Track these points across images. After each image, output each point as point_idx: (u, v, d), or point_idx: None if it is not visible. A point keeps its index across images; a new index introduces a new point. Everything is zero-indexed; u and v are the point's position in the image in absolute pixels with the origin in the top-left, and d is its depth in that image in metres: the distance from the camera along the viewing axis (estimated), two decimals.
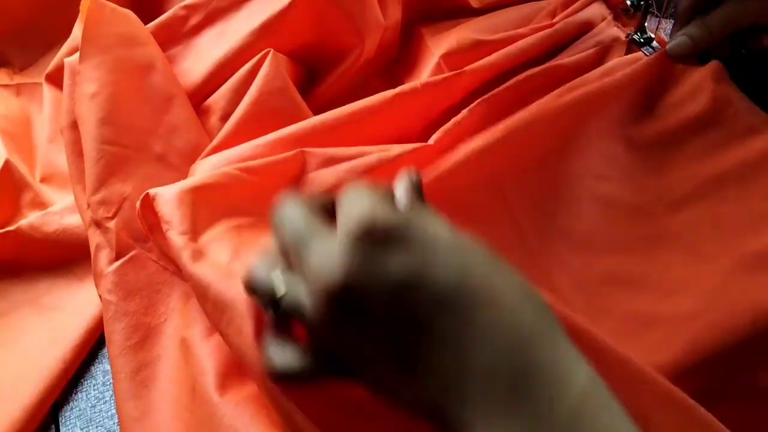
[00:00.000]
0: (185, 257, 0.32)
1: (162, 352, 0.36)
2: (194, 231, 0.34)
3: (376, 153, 0.40)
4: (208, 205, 0.35)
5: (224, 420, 0.31)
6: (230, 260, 0.32)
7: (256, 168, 0.38)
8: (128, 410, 0.34)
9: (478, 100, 0.43)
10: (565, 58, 0.47)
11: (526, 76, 0.45)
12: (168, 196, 0.34)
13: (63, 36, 0.50)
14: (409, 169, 0.28)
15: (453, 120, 0.42)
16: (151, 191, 0.35)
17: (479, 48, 0.48)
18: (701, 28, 0.43)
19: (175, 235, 0.33)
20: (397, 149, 0.40)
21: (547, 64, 0.46)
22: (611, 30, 0.49)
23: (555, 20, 0.50)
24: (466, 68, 0.45)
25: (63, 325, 0.41)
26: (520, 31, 0.49)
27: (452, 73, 0.45)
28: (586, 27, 0.50)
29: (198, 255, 0.32)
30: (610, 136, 0.43)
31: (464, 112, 0.43)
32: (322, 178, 0.39)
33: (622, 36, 0.49)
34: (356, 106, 0.43)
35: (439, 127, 0.42)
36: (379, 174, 0.39)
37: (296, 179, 0.39)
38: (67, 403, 0.39)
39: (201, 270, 0.31)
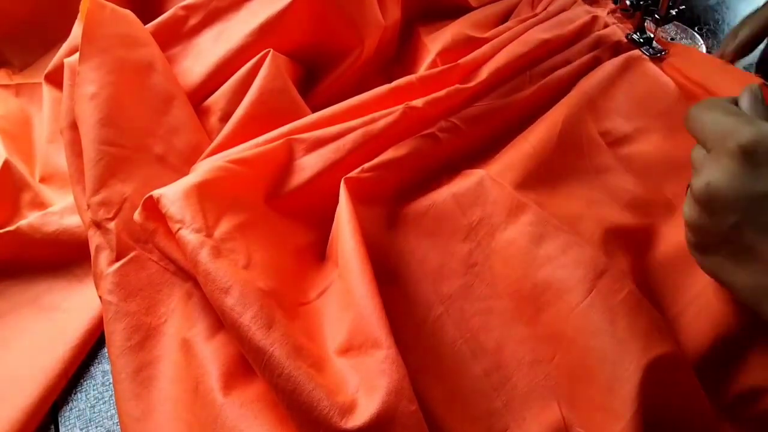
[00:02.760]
0: (204, 254, 0.32)
1: (163, 352, 0.36)
2: (208, 227, 0.34)
3: (361, 128, 0.40)
4: (212, 201, 0.35)
5: (228, 421, 0.31)
6: (247, 267, 0.33)
7: (246, 159, 0.38)
8: (129, 410, 0.34)
9: (475, 81, 0.45)
10: (549, 34, 0.48)
11: (518, 55, 0.46)
12: (175, 195, 0.34)
13: (63, 36, 0.49)
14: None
15: (446, 90, 0.43)
16: (155, 193, 0.35)
17: (472, 44, 0.49)
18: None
19: (189, 233, 0.33)
20: (381, 122, 0.41)
21: (533, 40, 0.47)
22: (584, 7, 0.52)
23: (537, 10, 0.52)
24: (460, 61, 0.46)
25: (63, 325, 0.41)
26: (508, 24, 0.51)
27: (447, 66, 0.46)
28: (563, 12, 0.52)
29: (217, 252, 0.33)
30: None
31: (458, 85, 0.44)
32: (310, 162, 0.39)
33: (597, 12, 0.51)
34: (353, 102, 0.43)
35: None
36: (368, 149, 0.40)
37: (285, 167, 0.39)
38: (66, 403, 0.39)
39: (222, 268, 0.32)
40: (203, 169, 0.37)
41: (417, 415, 0.30)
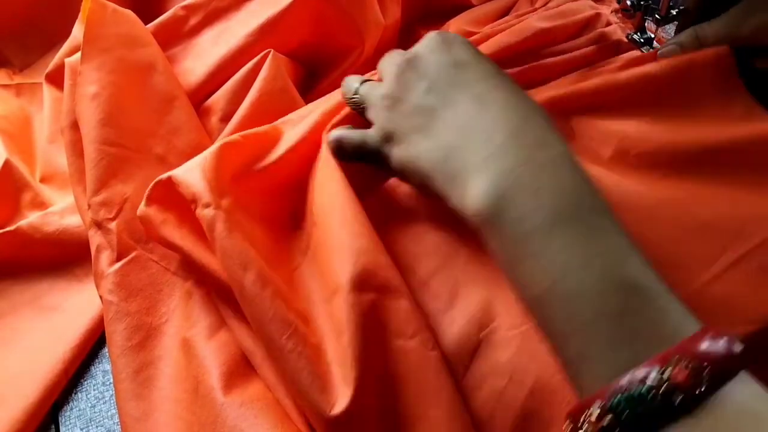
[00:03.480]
0: (219, 228, 0.32)
1: (163, 352, 0.36)
2: (216, 200, 0.34)
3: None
4: (216, 173, 0.35)
5: (228, 420, 0.31)
6: (252, 240, 0.34)
7: (245, 134, 0.39)
8: (130, 410, 0.34)
9: None
10: (547, 23, 0.48)
11: (514, 42, 0.46)
12: (184, 174, 0.35)
13: (63, 36, 0.50)
14: None
15: None
16: (163, 176, 0.35)
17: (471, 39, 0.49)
18: (693, 40, 0.42)
19: (202, 210, 0.33)
20: None
21: (530, 27, 0.47)
22: (588, 2, 0.52)
23: (536, 6, 0.52)
24: None
25: (63, 325, 0.41)
26: (507, 18, 0.51)
27: None
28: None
29: (229, 226, 0.33)
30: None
31: None
32: (294, 132, 0.39)
33: (600, 9, 0.51)
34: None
35: None
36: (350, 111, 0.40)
37: (274, 142, 0.40)
38: (67, 403, 0.39)
39: (238, 245, 0.32)
40: (209, 149, 0.37)
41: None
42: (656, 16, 0.47)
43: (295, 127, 0.40)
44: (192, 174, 0.34)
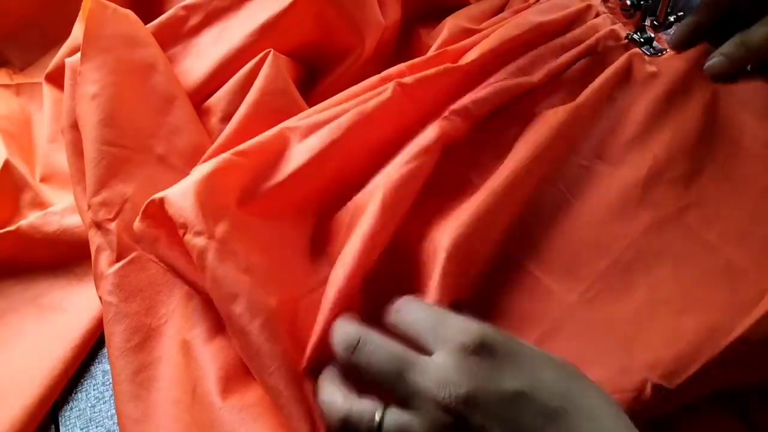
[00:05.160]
0: (210, 258, 0.31)
1: (162, 353, 0.36)
2: (209, 228, 0.33)
3: (354, 108, 0.40)
4: (211, 200, 0.34)
5: (226, 425, 0.31)
6: (248, 270, 0.33)
7: (244, 151, 0.37)
8: (128, 412, 0.34)
9: (466, 61, 0.44)
10: (542, 17, 0.48)
11: (511, 37, 0.46)
12: (174, 197, 0.34)
13: (63, 36, 0.50)
14: None
15: (435, 69, 0.43)
16: (156, 196, 0.34)
17: (469, 35, 0.49)
18: (739, 48, 0.40)
19: (193, 238, 0.32)
20: (373, 101, 0.40)
21: (526, 22, 0.47)
22: None
23: (530, 2, 0.52)
24: (449, 48, 0.46)
25: (63, 325, 0.41)
26: (503, 15, 0.51)
27: (435, 52, 0.45)
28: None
29: (221, 256, 0.32)
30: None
31: (448, 64, 0.43)
32: (306, 146, 0.39)
33: (591, 1, 0.51)
34: (345, 94, 0.43)
35: None
36: (361, 128, 0.39)
37: (281, 154, 0.39)
38: (67, 403, 0.39)
39: (229, 275, 0.31)
40: (201, 167, 0.37)
41: None
42: (654, 23, 0.47)
43: (305, 139, 0.39)
44: (185, 198, 0.33)
